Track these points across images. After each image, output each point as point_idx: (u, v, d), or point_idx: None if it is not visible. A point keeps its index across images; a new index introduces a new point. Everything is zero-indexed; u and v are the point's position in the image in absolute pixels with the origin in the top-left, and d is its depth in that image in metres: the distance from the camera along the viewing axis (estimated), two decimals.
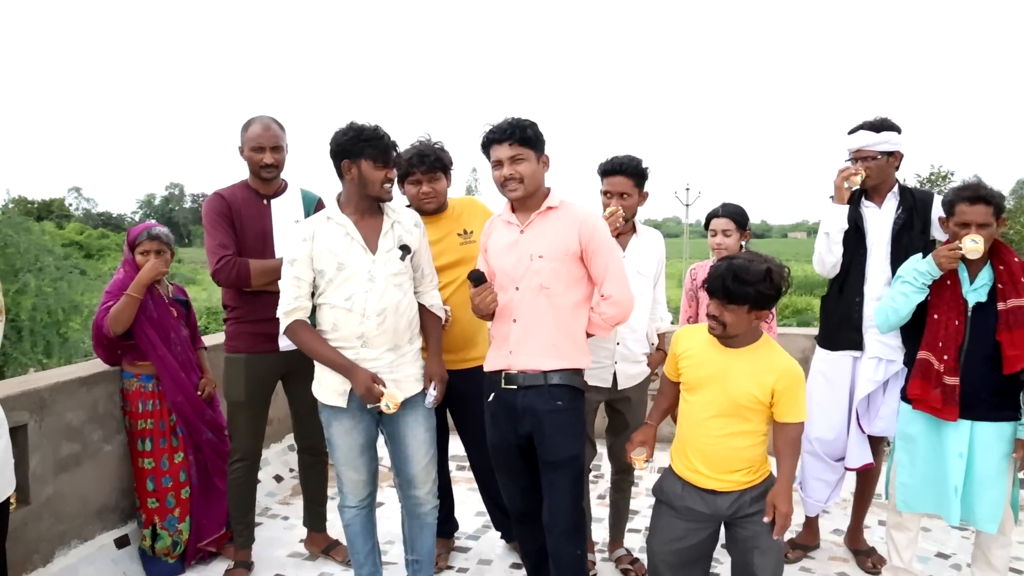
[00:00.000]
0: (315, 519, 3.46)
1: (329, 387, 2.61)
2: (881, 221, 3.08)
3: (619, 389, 3.01)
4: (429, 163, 2.97)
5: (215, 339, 3.80)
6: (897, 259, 2.96)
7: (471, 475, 3.44)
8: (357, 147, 2.52)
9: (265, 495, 4.03)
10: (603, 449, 3.32)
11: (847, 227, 3.07)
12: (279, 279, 2.62)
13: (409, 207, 2.90)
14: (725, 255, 3.16)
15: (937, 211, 2.92)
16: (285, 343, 2.98)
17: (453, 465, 4.15)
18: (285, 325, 2.58)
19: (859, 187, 3.07)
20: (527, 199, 2.52)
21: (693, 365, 2.36)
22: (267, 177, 3.08)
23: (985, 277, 2.64)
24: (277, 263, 2.90)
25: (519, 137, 2.45)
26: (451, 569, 3.32)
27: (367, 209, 2.61)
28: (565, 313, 2.50)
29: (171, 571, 3.20)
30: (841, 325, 3.15)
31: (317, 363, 2.62)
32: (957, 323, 2.64)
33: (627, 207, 2.90)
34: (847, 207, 3.07)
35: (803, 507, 3.38)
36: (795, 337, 4.42)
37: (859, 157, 3.06)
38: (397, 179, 2.81)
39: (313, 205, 3.19)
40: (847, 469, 3.24)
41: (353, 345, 2.55)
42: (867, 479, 3.32)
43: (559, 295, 2.49)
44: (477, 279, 2.50)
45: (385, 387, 2.52)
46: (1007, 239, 15.11)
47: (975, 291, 2.65)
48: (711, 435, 2.29)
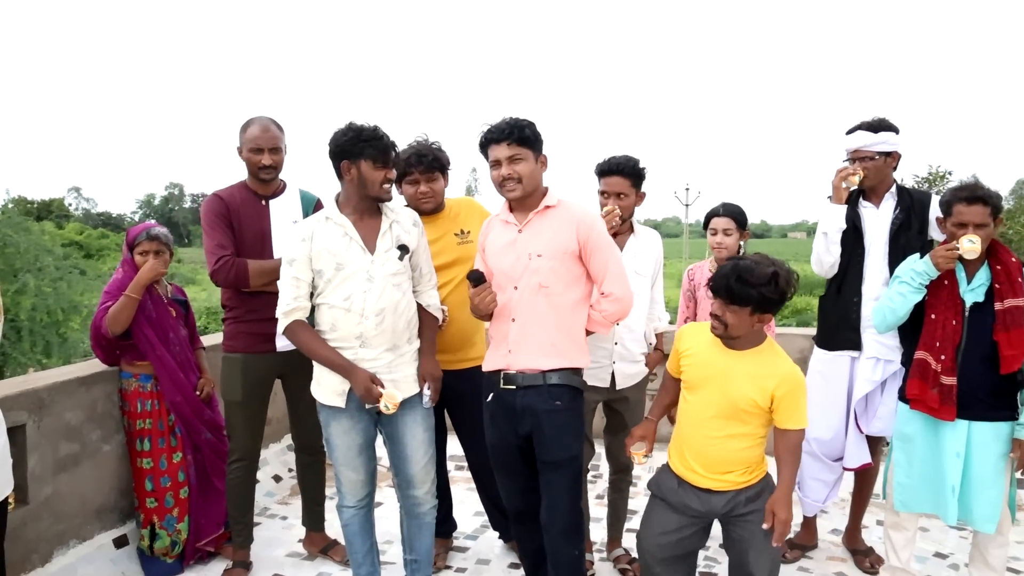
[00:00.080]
0: (313, 519, 3.46)
1: (328, 387, 2.61)
2: (879, 221, 3.08)
3: (617, 389, 3.01)
4: (427, 163, 2.97)
5: (215, 339, 3.81)
6: (895, 259, 2.96)
7: (470, 475, 3.44)
8: (356, 147, 2.52)
9: (264, 495, 4.04)
10: (601, 449, 3.33)
11: (845, 227, 3.07)
12: (277, 279, 2.62)
13: (407, 207, 2.91)
14: (727, 255, 3.17)
15: (935, 211, 2.93)
16: (283, 343, 2.98)
17: (452, 465, 4.15)
18: (284, 325, 2.58)
19: (857, 187, 3.08)
20: (525, 199, 2.52)
21: (695, 364, 2.36)
22: (265, 178, 3.08)
23: (982, 277, 2.64)
24: (275, 263, 2.90)
25: (517, 137, 2.46)
26: (449, 569, 3.32)
27: (366, 209, 2.61)
28: (564, 312, 2.50)
29: (170, 571, 3.20)
30: (839, 325, 3.16)
31: (316, 363, 2.62)
32: (954, 323, 2.64)
33: (624, 207, 2.90)
34: (845, 207, 3.08)
35: (801, 507, 3.39)
36: (793, 337, 4.41)
37: (857, 157, 3.07)
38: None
39: (312, 205, 3.19)
40: (845, 469, 3.24)
41: (352, 345, 2.55)
42: (865, 479, 3.32)
43: (558, 294, 2.49)
44: (476, 279, 2.50)
45: (384, 388, 2.53)
46: (1006, 239, 15.10)
47: (972, 291, 2.65)
48: (709, 435, 2.29)
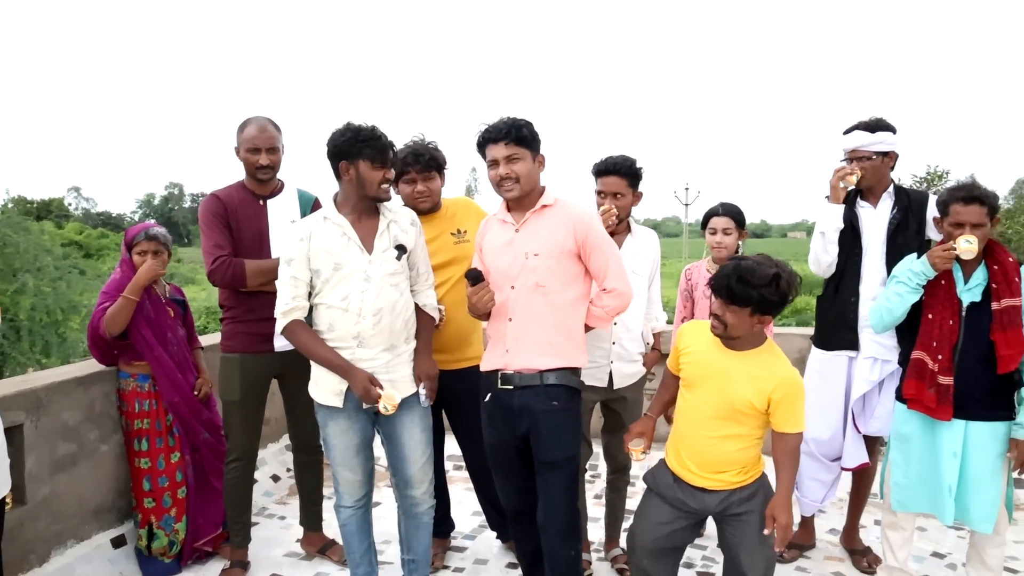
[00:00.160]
0: (311, 519, 3.46)
1: (325, 387, 2.61)
2: (876, 221, 3.08)
3: (615, 388, 3.01)
4: (424, 162, 2.97)
5: (213, 339, 3.81)
6: (892, 259, 2.96)
7: (468, 475, 3.44)
8: (355, 148, 2.52)
9: (262, 495, 4.04)
10: (599, 449, 3.33)
11: (843, 227, 3.07)
12: (275, 279, 2.63)
13: (404, 206, 2.91)
14: (726, 254, 3.17)
15: (932, 211, 2.92)
16: (281, 343, 2.99)
17: (450, 465, 4.15)
18: (283, 325, 2.58)
19: (854, 187, 3.08)
20: (523, 198, 2.52)
21: (694, 362, 2.36)
22: (263, 178, 3.08)
23: (979, 277, 2.64)
24: (273, 263, 2.90)
25: (515, 136, 2.46)
26: (447, 569, 3.32)
27: (364, 209, 2.61)
28: (561, 311, 2.50)
29: (167, 571, 3.20)
30: (837, 325, 3.16)
31: (314, 363, 2.62)
32: (951, 323, 2.64)
33: (621, 207, 2.90)
34: (843, 207, 3.08)
35: (799, 507, 3.39)
36: (792, 337, 4.41)
37: (854, 157, 3.07)
38: None
39: (310, 205, 3.19)
40: (844, 469, 3.24)
41: (349, 345, 2.55)
42: (863, 479, 3.32)
43: (555, 293, 2.49)
44: (475, 278, 2.50)
45: (383, 389, 2.52)
46: (1005, 239, 15.11)
47: (969, 291, 2.65)
48: (705, 435, 2.29)
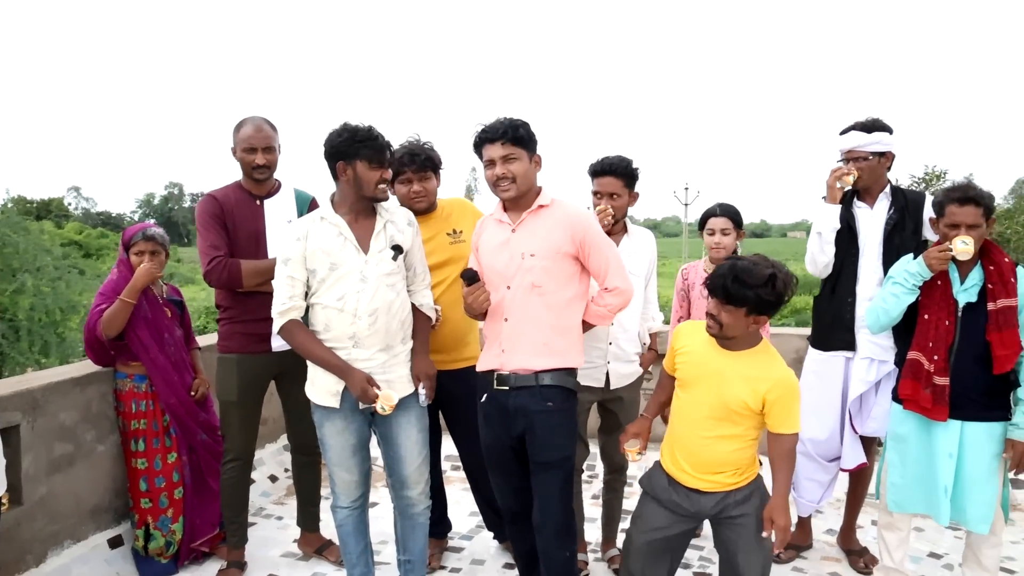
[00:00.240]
0: (308, 519, 3.46)
1: (322, 388, 2.61)
2: (873, 221, 3.08)
3: (612, 389, 3.01)
4: (419, 162, 2.97)
5: (212, 339, 3.81)
6: (889, 259, 2.96)
7: (465, 475, 3.44)
8: (352, 148, 2.52)
9: (259, 495, 4.04)
10: (596, 449, 3.33)
11: (839, 227, 3.08)
12: (271, 279, 2.62)
13: (401, 207, 2.90)
14: (725, 255, 3.17)
15: (929, 212, 2.92)
16: (278, 343, 2.99)
17: (447, 465, 4.15)
18: (280, 325, 2.58)
19: (851, 187, 3.08)
20: (519, 198, 2.53)
21: (689, 362, 2.36)
22: (259, 178, 3.08)
23: (975, 277, 2.64)
24: (269, 263, 2.90)
25: (512, 136, 2.46)
26: (444, 569, 3.32)
27: (362, 210, 2.61)
28: (557, 312, 2.50)
29: (164, 571, 3.20)
30: (833, 325, 3.16)
31: (310, 363, 2.63)
32: (947, 323, 2.64)
33: (617, 207, 2.91)
34: (839, 207, 3.08)
35: (796, 507, 3.39)
36: (789, 337, 4.41)
37: (851, 158, 3.07)
38: None
39: (306, 205, 3.19)
40: (843, 470, 3.24)
41: (345, 345, 2.55)
42: (860, 479, 3.32)
43: (551, 293, 2.49)
44: (470, 278, 2.50)
45: (380, 389, 2.52)
46: (1004, 239, 15.09)
47: (965, 291, 2.65)
48: (700, 435, 2.29)
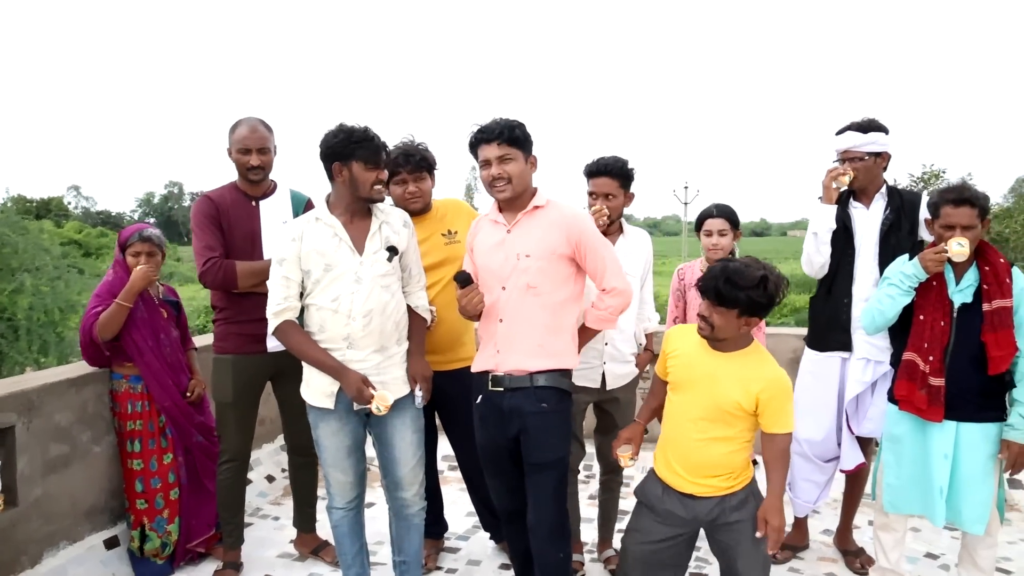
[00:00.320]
0: (304, 520, 3.46)
1: (317, 389, 2.61)
2: (869, 222, 3.08)
3: (607, 389, 3.01)
4: (414, 162, 2.97)
5: (208, 339, 3.80)
6: (885, 260, 2.96)
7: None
8: (348, 149, 2.51)
9: (256, 495, 4.04)
10: (593, 449, 3.32)
11: (835, 227, 3.07)
12: (266, 280, 2.62)
13: (396, 207, 2.90)
14: (722, 255, 3.17)
15: (925, 212, 2.92)
16: (273, 344, 2.98)
17: (445, 465, 4.15)
18: (274, 325, 2.57)
19: (847, 188, 3.07)
20: (514, 199, 2.52)
21: (681, 365, 2.35)
22: (254, 179, 3.07)
23: (971, 278, 2.64)
24: (264, 264, 2.90)
25: (507, 137, 2.46)
26: (440, 570, 3.32)
27: (357, 211, 2.60)
28: (552, 312, 2.50)
29: (160, 572, 3.20)
30: (829, 326, 3.15)
31: (305, 364, 2.62)
32: (943, 324, 2.64)
33: (612, 208, 2.90)
34: (835, 207, 3.08)
35: (792, 508, 3.39)
36: (786, 337, 4.41)
37: (847, 158, 3.07)
38: None
39: (302, 206, 3.19)
40: (842, 471, 3.24)
41: (339, 347, 2.55)
42: (856, 479, 3.32)
43: (546, 294, 2.49)
44: (463, 280, 2.49)
45: (375, 390, 2.52)
46: (1003, 238, 15.08)
47: (960, 292, 2.64)
48: (693, 438, 2.28)
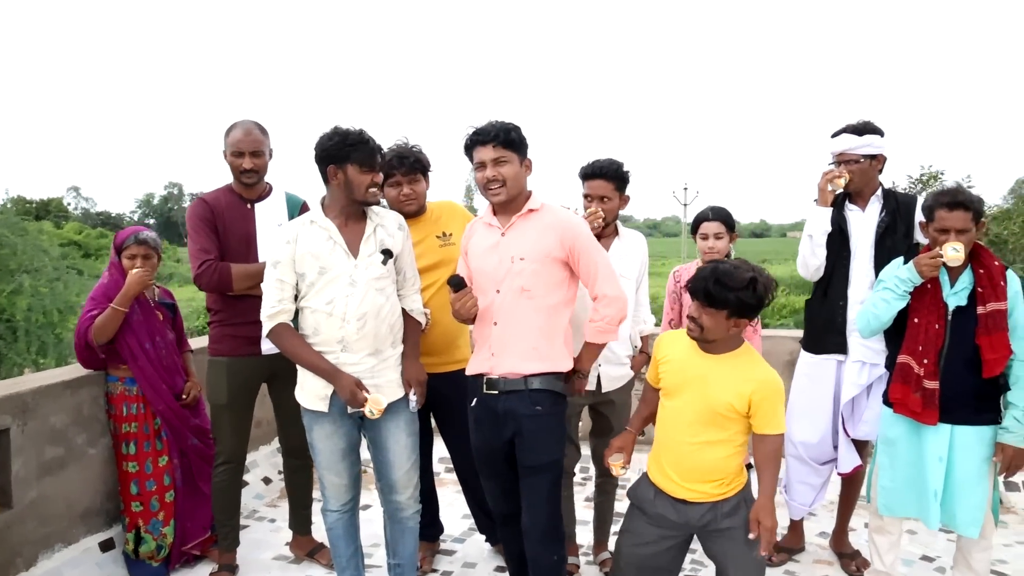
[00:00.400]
0: (300, 522, 3.45)
1: (311, 391, 2.61)
2: (865, 224, 3.08)
3: (603, 392, 3.01)
4: (409, 164, 2.97)
5: (204, 341, 3.79)
6: (881, 262, 2.95)
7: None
8: (342, 152, 2.51)
9: (253, 497, 4.04)
10: (588, 451, 3.32)
11: (830, 230, 3.07)
12: (261, 282, 2.62)
13: (390, 210, 2.90)
14: (719, 259, 3.16)
15: (921, 215, 2.92)
16: (268, 346, 2.98)
17: (441, 467, 4.14)
18: (268, 328, 2.57)
19: (843, 190, 3.07)
20: (509, 202, 2.52)
21: (672, 370, 2.35)
22: (247, 182, 3.08)
23: (965, 281, 2.64)
24: (259, 267, 2.90)
25: (503, 140, 2.46)
26: (435, 572, 3.31)
27: (352, 213, 2.60)
28: (546, 316, 2.50)
29: (155, 575, 3.19)
30: (825, 329, 3.15)
31: (299, 367, 2.62)
32: (937, 327, 2.63)
33: (608, 211, 2.91)
34: (830, 210, 3.08)
35: (788, 510, 3.39)
36: (782, 339, 4.41)
37: (842, 160, 3.06)
38: None
39: (298, 209, 3.19)
40: (839, 474, 3.23)
41: (333, 350, 2.54)
42: (852, 482, 3.31)
43: (540, 297, 2.49)
44: (457, 284, 2.50)
45: (369, 393, 2.52)
46: (1001, 240, 15.06)
47: (955, 295, 2.64)
48: (686, 442, 2.28)
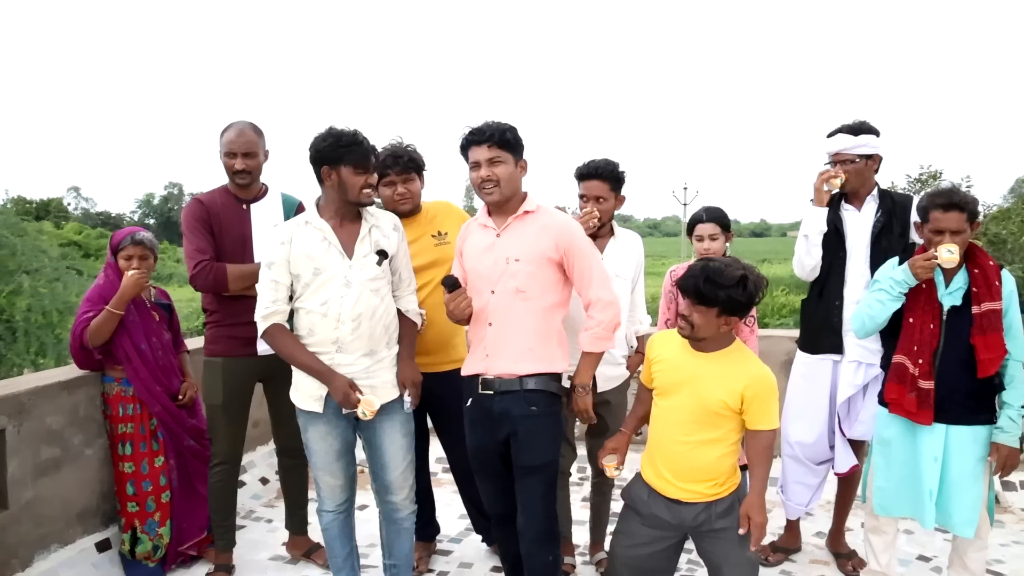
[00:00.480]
0: (296, 522, 3.46)
1: (306, 392, 2.61)
2: (860, 224, 3.08)
3: (599, 392, 3.00)
4: (403, 164, 2.97)
5: (200, 342, 3.79)
6: (877, 262, 2.95)
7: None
8: (336, 153, 2.51)
9: (250, 497, 4.04)
10: (584, 452, 3.32)
11: (826, 230, 3.07)
12: (256, 283, 2.62)
13: (386, 210, 2.90)
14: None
15: (916, 216, 2.92)
16: (263, 347, 2.97)
17: (438, 467, 4.14)
18: (263, 329, 2.57)
19: (839, 190, 3.07)
20: (504, 203, 2.52)
21: (665, 370, 2.35)
22: (241, 183, 3.08)
23: (960, 281, 2.64)
24: (254, 267, 2.90)
25: (498, 140, 2.46)
26: (432, 572, 3.32)
27: (347, 214, 2.60)
28: (540, 317, 2.50)
29: (151, 575, 3.19)
30: (821, 329, 3.15)
31: (294, 368, 2.62)
32: (932, 327, 2.63)
33: (603, 211, 2.90)
34: (826, 210, 3.08)
35: (784, 510, 3.39)
36: (779, 339, 4.40)
37: (838, 160, 3.07)
38: None
39: (293, 209, 3.19)
40: (836, 474, 3.23)
41: (328, 350, 2.55)
42: (848, 482, 3.31)
43: (535, 299, 2.49)
44: (451, 285, 2.50)
45: (363, 394, 2.52)
46: (1000, 239, 15.06)
47: (950, 295, 2.64)
48: (680, 441, 2.28)
